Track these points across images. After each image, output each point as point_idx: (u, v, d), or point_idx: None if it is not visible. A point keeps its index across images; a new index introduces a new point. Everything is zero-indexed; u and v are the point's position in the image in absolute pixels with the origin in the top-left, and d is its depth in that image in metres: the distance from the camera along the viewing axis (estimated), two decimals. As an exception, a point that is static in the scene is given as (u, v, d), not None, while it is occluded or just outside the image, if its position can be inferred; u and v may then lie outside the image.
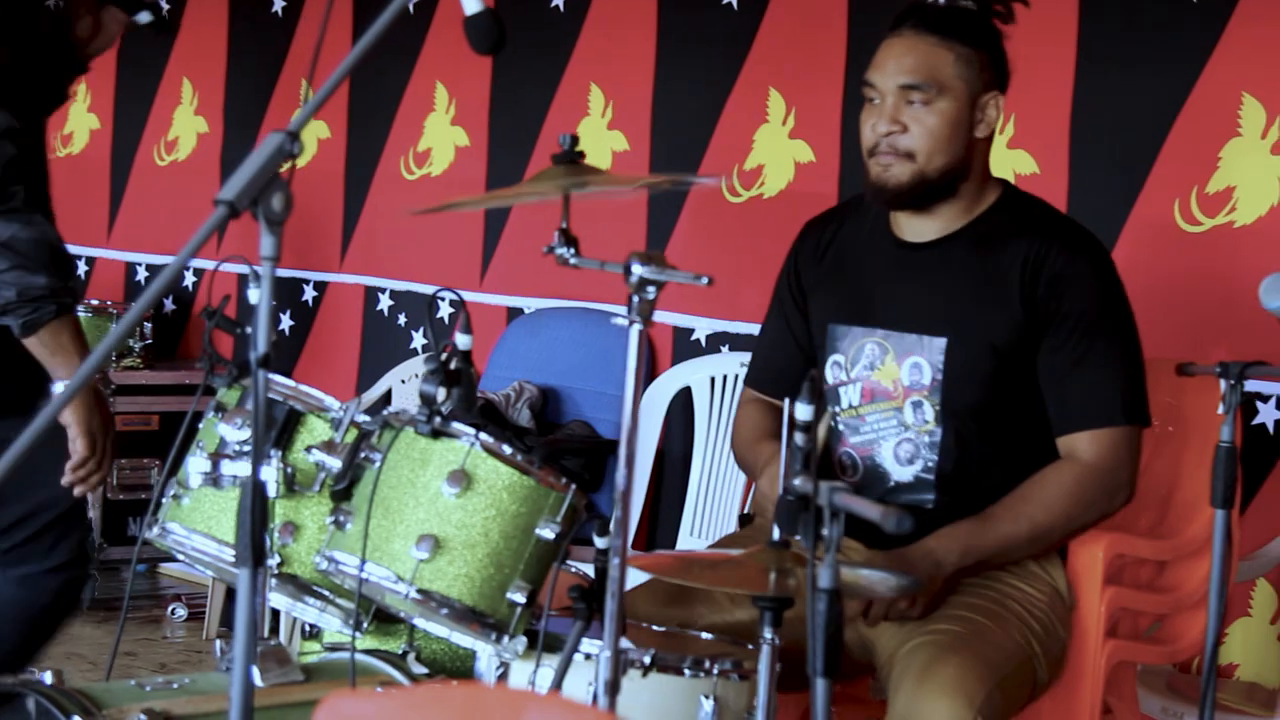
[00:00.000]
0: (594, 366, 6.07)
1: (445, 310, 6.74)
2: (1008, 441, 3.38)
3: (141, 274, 8.09)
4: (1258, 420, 4.56)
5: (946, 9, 3.40)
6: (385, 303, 7.04)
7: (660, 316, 5.71)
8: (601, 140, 6.08)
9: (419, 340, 6.86)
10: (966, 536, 3.26)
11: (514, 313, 6.50)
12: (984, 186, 3.43)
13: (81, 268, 8.08)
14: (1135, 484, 3.34)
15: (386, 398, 6.83)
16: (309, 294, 7.35)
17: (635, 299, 2.56)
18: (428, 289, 6.82)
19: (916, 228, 3.44)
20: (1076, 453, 3.30)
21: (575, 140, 2.75)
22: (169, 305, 7.86)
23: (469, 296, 6.64)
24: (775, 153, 5.62)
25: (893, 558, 3.20)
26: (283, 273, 7.30)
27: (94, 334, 7.20)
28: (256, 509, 2.27)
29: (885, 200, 3.40)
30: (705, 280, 2.55)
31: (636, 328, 2.57)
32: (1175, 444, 3.87)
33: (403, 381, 6.78)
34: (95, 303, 7.47)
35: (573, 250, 2.75)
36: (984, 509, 3.30)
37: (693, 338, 5.82)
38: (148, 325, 7.29)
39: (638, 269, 2.54)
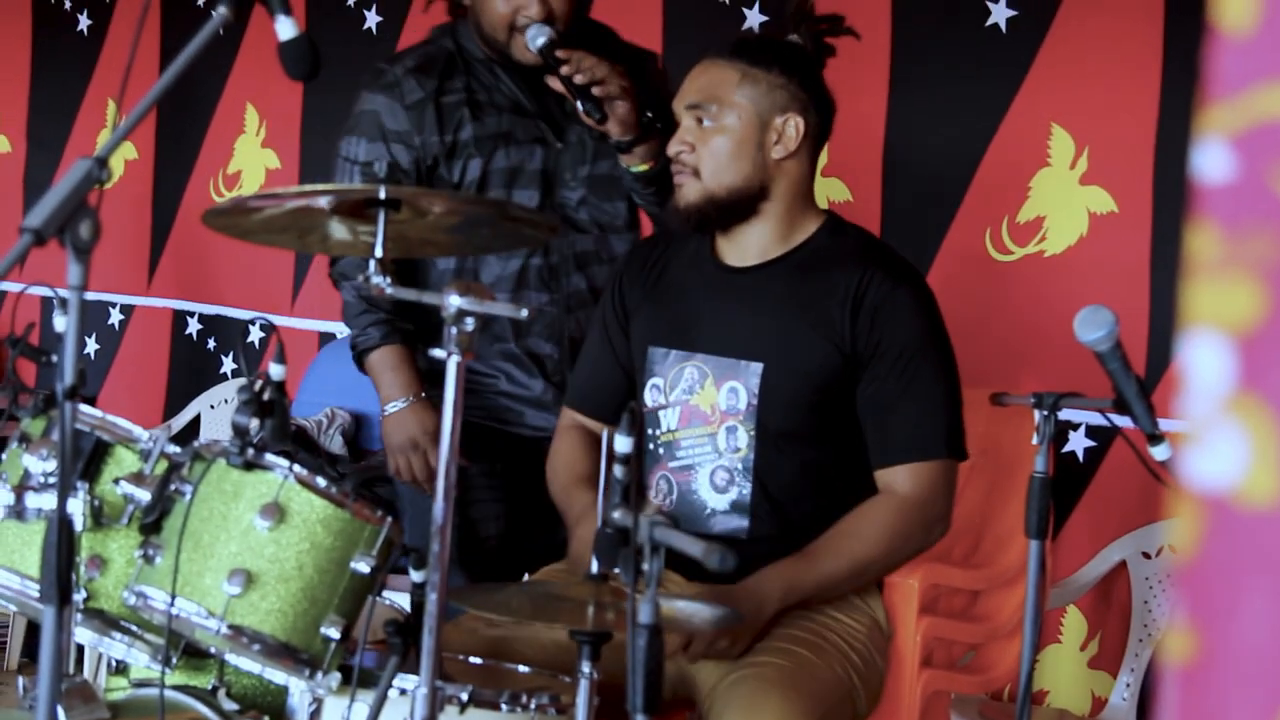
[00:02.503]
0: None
1: (255, 335, 6.66)
2: (822, 470, 3.38)
3: (-59, 296, 7.91)
4: (1068, 448, 4.61)
5: (747, 39, 3.45)
6: (194, 326, 6.94)
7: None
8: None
9: (229, 365, 6.77)
10: (789, 574, 3.25)
11: (326, 338, 6.44)
12: (802, 211, 3.43)
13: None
14: (951, 517, 3.36)
15: (195, 424, 6.73)
16: (115, 317, 7.23)
17: (454, 330, 2.53)
18: (238, 313, 6.75)
19: (737, 252, 3.44)
20: (895, 486, 3.31)
21: (392, 168, 2.70)
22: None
23: (280, 321, 6.56)
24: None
25: (714, 594, 3.18)
26: (89, 295, 7.12)
27: (-108, 357, 7.04)
28: (62, 547, 2.21)
29: (682, 220, 3.41)
30: (523, 313, 2.53)
31: (455, 359, 2.53)
32: (988, 473, 3.91)
33: (212, 407, 6.69)
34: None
35: (388, 280, 2.71)
36: (797, 537, 3.30)
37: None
38: (-52, 349, 7.12)
39: (455, 300, 2.51)
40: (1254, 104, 0.83)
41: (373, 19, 6.41)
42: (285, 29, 2.58)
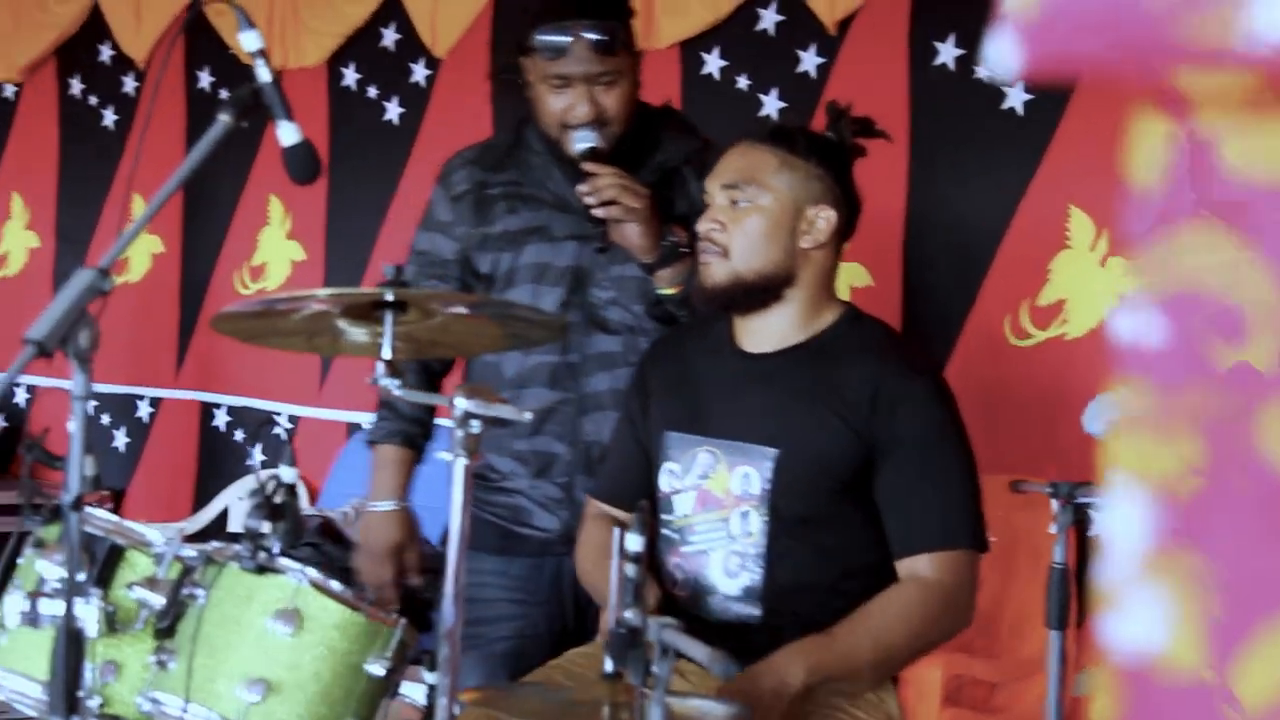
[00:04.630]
0: (434, 483, 5.99)
1: (286, 425, 6.67)
2: (835, 557, 3.36)
3: (-28, 391, 7.94)
4: (1095, 530, 4.58)
5: (787, 127, 3.45)
6: (222, 419, 6.96)
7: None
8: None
9: (258, 456, 6.78)
10: (812, 653, 3.23)
11: (353, 428, 6.44)
12: (823, 302, 3.43)
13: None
14: (974, 609, 3.33)
15: (224, 516, 6.74)
16: (144, 410, 7.25)
17: (460, 433, 2.53)
18: (264, 405, 6.76)
19: (755, 338, 3.44)
20: (918, 573, 3.28)
21: (400, 270, 2.71)
22: (0, 423, 7.72)
23: (306, 412, 6.58)
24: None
25: (737, 675, 3.15)
26: (117, 389, 7.20)
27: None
28: (70, 660, 2.21)
29: (706, 299, 3.41)
30: (528, 416, 2.53)
31: (462, 461, 2.53)
32: (1007, 561, 3.88)
33: (240, 499, 6.69)
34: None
35: (398, 382, 2.71)
36: (809, 625, 3.28)
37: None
38: (-21, 444, 7.16)
39: (462, 403, 2.51)
40: (1170, 258, 0.83)
41: (394, 110, 6.45)
42: (288, 134, 2.59)
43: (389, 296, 2.65)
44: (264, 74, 2.56)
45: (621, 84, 3.70)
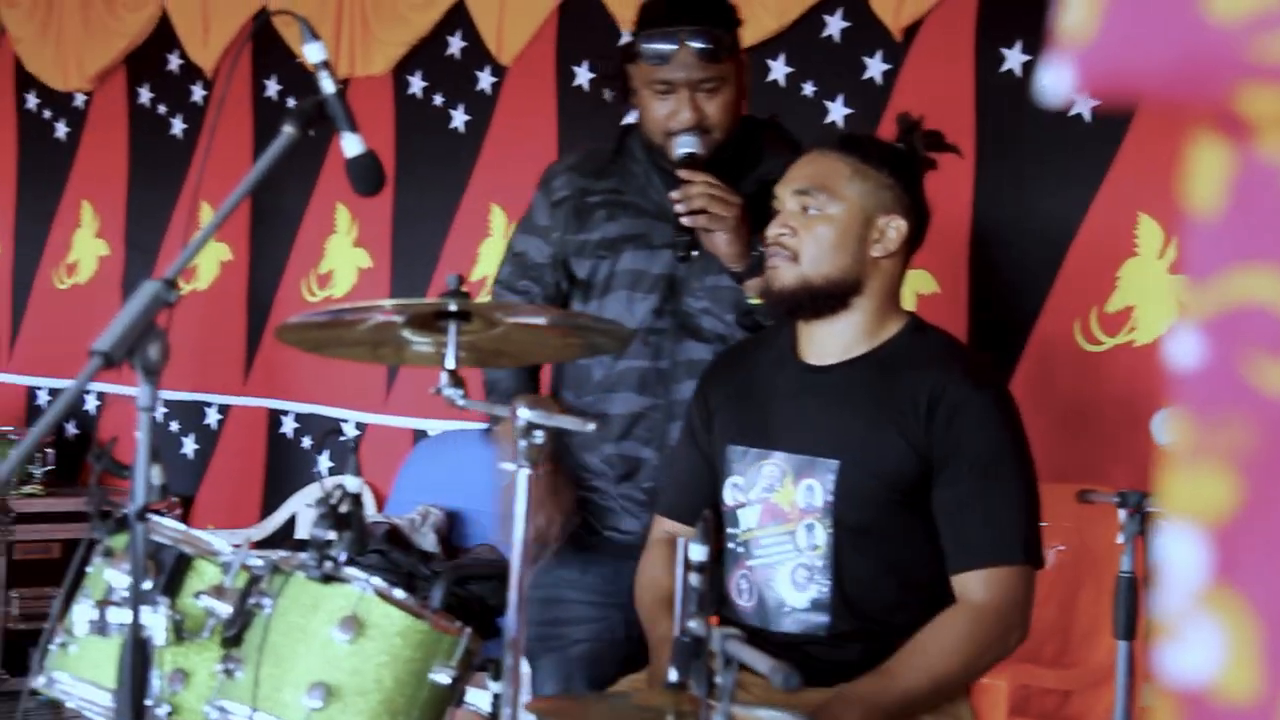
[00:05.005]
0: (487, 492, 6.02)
1: (353, 432, 6.69)
2: (902, 567, 3.35)
3: (43, 398, 8.00)
4: (1154, 553, 4.55)
5: (860, 136, 3.46)
6: (289, 425, 6.99)
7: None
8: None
9: (325, 463, 6.81)
10: (869, 695, 3.21)
11: (419, 435, 6.46)
12: (888, 313, 3.42)
13: (-19, 392, 8.00)
14: (1029, 624, 3.31)
15: (291, 523, 6.77)
16: (212, 417, 7.29)
17: (523, 444, 2.53)
18: (332, 412, 6.79)
19: (819, 349, 3.43)
20: (971, 592, 3.26)
21: (462, 280, 2.71)
22: (71, 430, 7.77)
23: (373, 419, 6.60)
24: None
25: (795, 706, 3.14)
26: (186, 396, 7.24)
27: (-7, 460, 7.13)
28: (138, 671, 2.22)
29: (772, 302, 3.40)
30: (591, 426, 2.53)
31: (524, 472, 2.54)
32: (1076, 571, 3.86)
33: (308, 505, 6.72)
34: (-5, 428, 7.38)
35: (461, 392, 2.72)
36: (877, 635, 3.27)
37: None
38: (49, 451, 7.20)
39: (524, 413, 2.51)
40: (1223, 288, 0.82)
41: (460, 118, 6.47)
42: (351, 146, 2.60)
43: (452, 307, 2.66)
44: (328, 85, 2.57)
45: (725, 91, 3.72)
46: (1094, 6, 0.87)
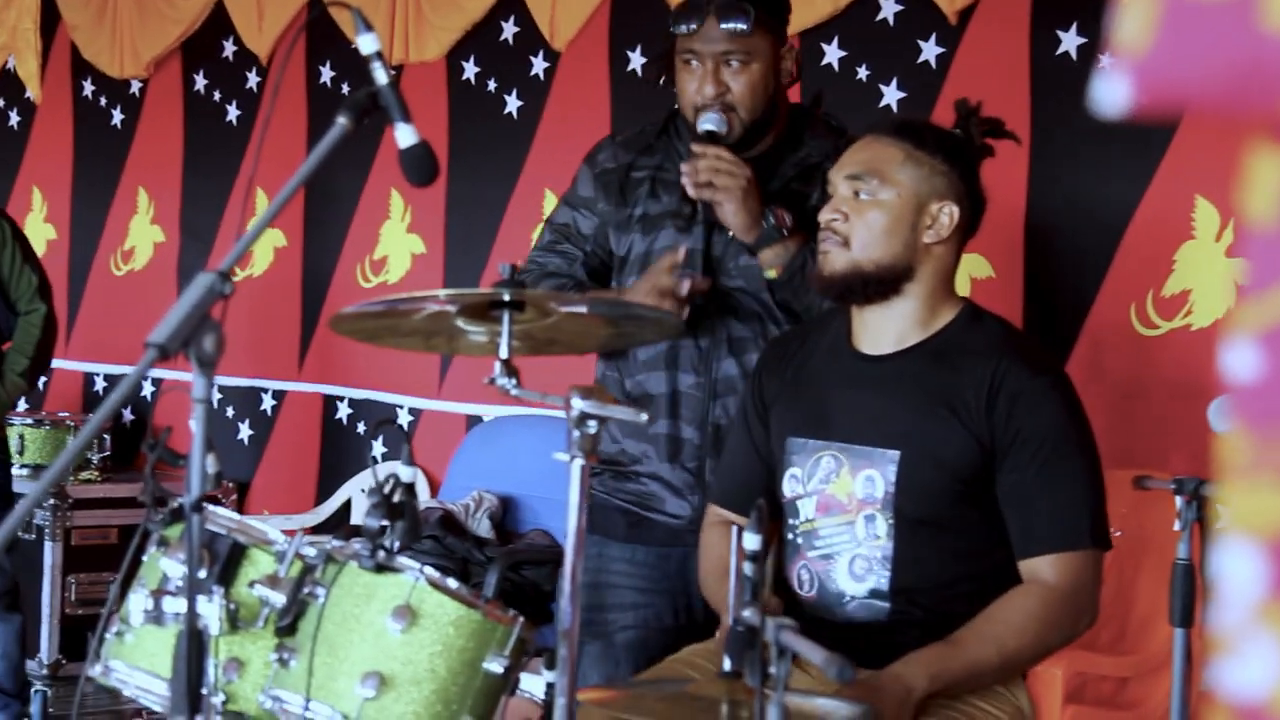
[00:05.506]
0: (554, 475, 5.96)
1: (407, 418, 6.70)
2: (962, 557, 3.34)
3: (100, 384, 8.05)
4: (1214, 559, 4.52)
5: (914, 121, 3.44)
6: (344, 411, 7.00)
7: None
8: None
9: (379, 448, 6.82)
10: (936, 661, 3.21)
11: (472, 421, 6.47)
12: (942, 299, 3.40)
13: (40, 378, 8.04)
14: (1098, 608, 3.30)
15: (346, 508, 6.79)
16: (267, 403, 7.32)
17: (576, 433, 2.52)
18: (386, 397, 6.80)
19: (874, 339, 3.41)
20: (1040, 576, 3.26)
21: (515, 270, 2.71)
22: (127, 416, 7.81)
23: (427, 405, 6.61)
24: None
25: (860, 683, 3.15)
26: (241, 381, 7.27)
27: (53, 446, 7.17)
28: (192, 660, 2.22)
29: (823, 287, 3.39)
30: (644, 417, 2.52)
31: (578, 462, 2.53)
32: (1133, 557, 3.84)
33: (363, 491, 6.73)
34: (55, 415, 7.43)
35: (515, 381, 2.71)
36: (938, 626, 3.26)
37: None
38: (106, 437, 7.23)
39: (578, 403, 2.51)
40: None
41: (514, 103, 6.46)
42: (405, 136, 2.59)
43: (506, 296, 2.65)
44: (381, 76, 2.57)
45: (752, 68, 3.70)
46: (1150, 19, 0.86)
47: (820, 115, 3.93)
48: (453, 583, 2.84)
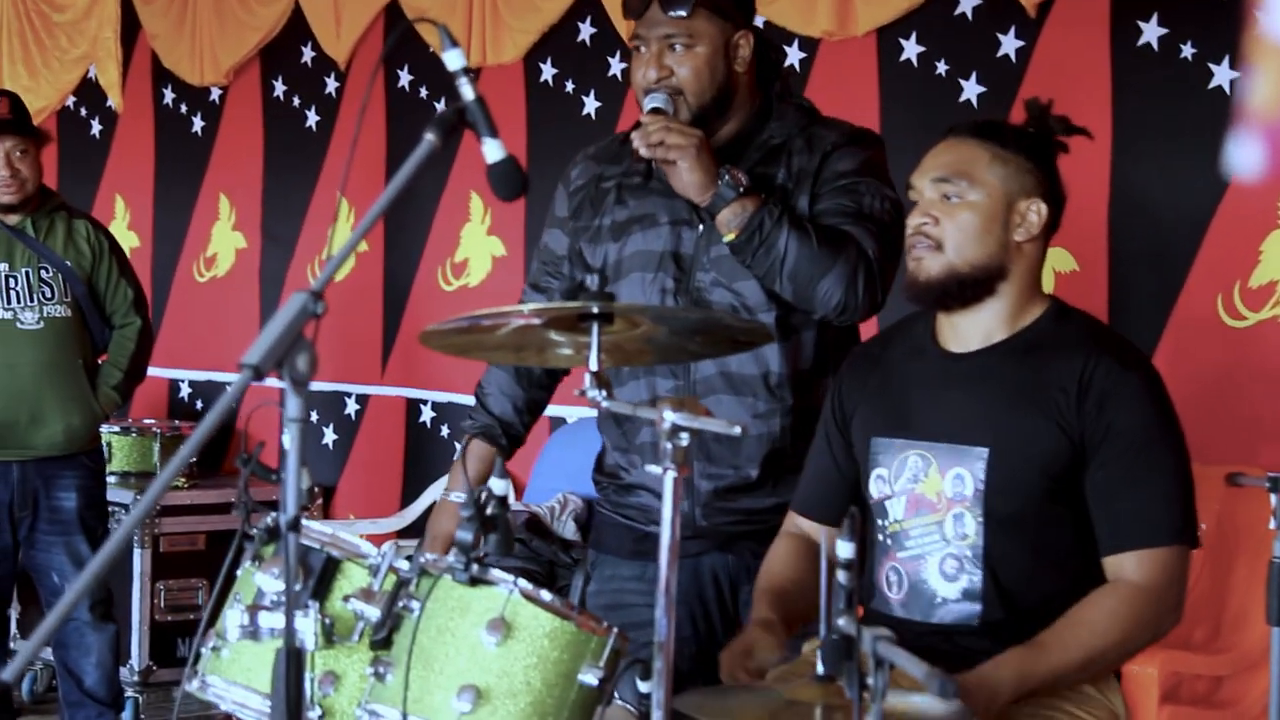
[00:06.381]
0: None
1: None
2: (1052, 555, 3.32)
3: (185, 390, 8.10)
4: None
5: (995, 122, 3.43)
6: (427, 414, 7.03)
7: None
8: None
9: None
10: (1021, 664, 3.20)
11: (556, 423, 6.48)
12: (1030, 297, 3.39)
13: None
14: (1183, 606, 3.28)
15: (432, 510, 6.80)
16: (351, 407, 7.35)
17: (669, 446, 2.52)
18: (469, 400, 6.80)
19: (960, 337, 3.40)
20: (1125, 573, 3.24)
21: (605, 280, 2.71)
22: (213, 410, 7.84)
23: (511, 407, 6.61)
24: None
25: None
26: (324, 386, 7.30)
27: (140, 453, 7.22)
28: (291, 679, 2.24)
29: (919, 293, 3.37)
30: (737, 430, 2.52)
31: (670, 474, 2.53)
32: (1227, 554, 3.81)
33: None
34: (141, 422, 7.48)
35: (605, 393, 2.72)
36: (1029, 624, 3.25)
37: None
38: (192, 443, 7.27)
39: (670, 416, 2.51)
40: None
41: (591, 104, 6.47)
42: (493, 151, 2.60)
43: (595, 309, 2.65)
44: (468, 92, 2.57)
45: (697, 50, 3.67)
46: None
47: (788, 97, 3.87)
48: (546, 594, 2.84)
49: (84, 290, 5.90)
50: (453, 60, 2.58)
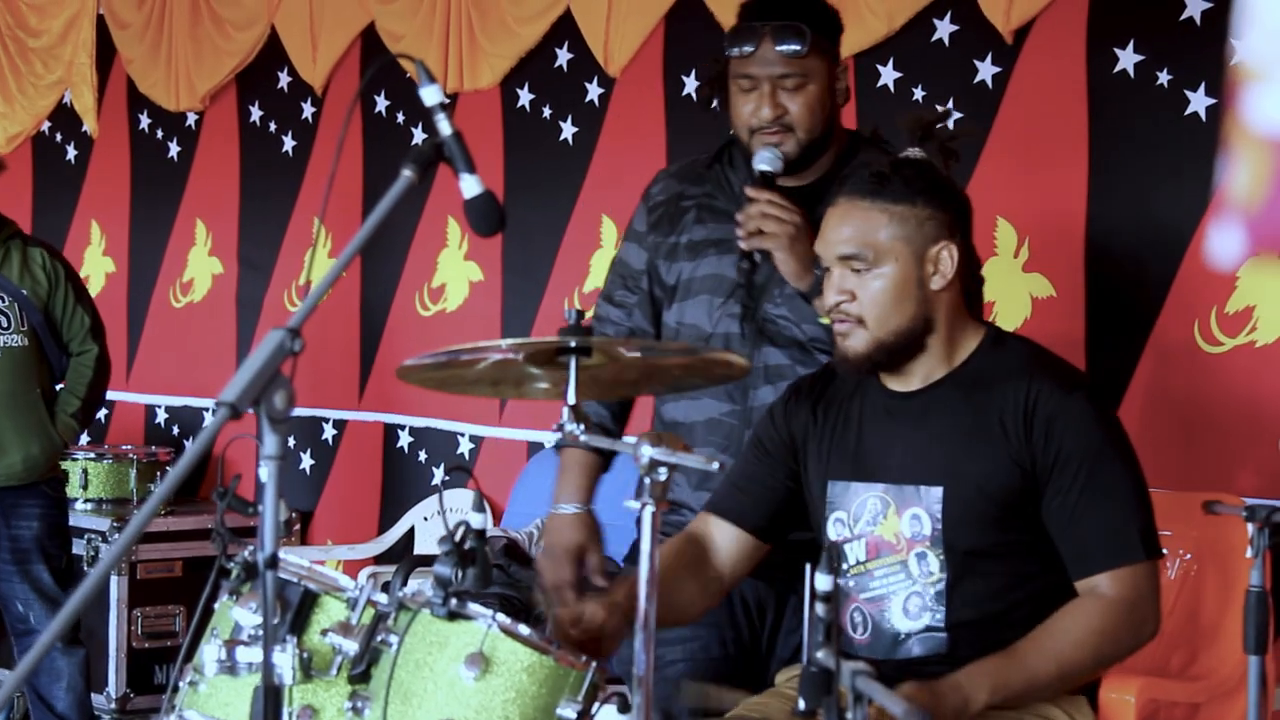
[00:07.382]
0: (616, 501, 5.99)
1: (467, 445, 6.72)
2: (1016, 584, 3.32)
3: (161, 416, 8.08)
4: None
5: (881, 173, 3.36)
6: (405, 440, 7.02)
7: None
8: (614, 272, 6.07)
9: (440, 476, 6.84)
10: (995, 673, 3.20)
11: (534, 447, 6.48)
12: (962, 331, 3.38)
13: (102, 412, 8.07)
14: (1160, 616, 3.28)
15: (409, 536, 6.80)
16: (328, 432, 7.34)
17: (647, 481, 2.52)
18: (447, 425, 6.81)
19: (902, 378, 3.40)
20: (1099, 592, 3.25)
21: (581, 315, 2.71)
22: (190, 448, 7.83)
23: (488, 432, 6.62)
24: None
25: (921, 690, 3.14)
26: (302, 411, 7.28)
27: (116, 480, 7.20)
28: (270, 710, 2.23)
29: (850, 369, 3.38)
30: (716, 465, 2.52)
31: (649, 509, 2.53)
32: (1204, 581, 3.82)
33: (425, 519, 6.76)
34: (118, 448, 7.47)
35: (582, 427, 2.72)
36: (994, 650, 3.25)
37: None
38: (169, 469, 7.26)
39: (648, 450, 2.51)
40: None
41: (569, 130, 6.47)
42: (470, 187, 2.60)
43: (572, 344, 2.65)
44: (445, 128, 2.58)
45: (809, 89, 3.70)
46: (1262, 174, 0.86)
47: (878, 141, 3.91)
48: (524, 629, 2.83)
49: (40, 319, 5.90)
50: (430, 96, 2.58)
